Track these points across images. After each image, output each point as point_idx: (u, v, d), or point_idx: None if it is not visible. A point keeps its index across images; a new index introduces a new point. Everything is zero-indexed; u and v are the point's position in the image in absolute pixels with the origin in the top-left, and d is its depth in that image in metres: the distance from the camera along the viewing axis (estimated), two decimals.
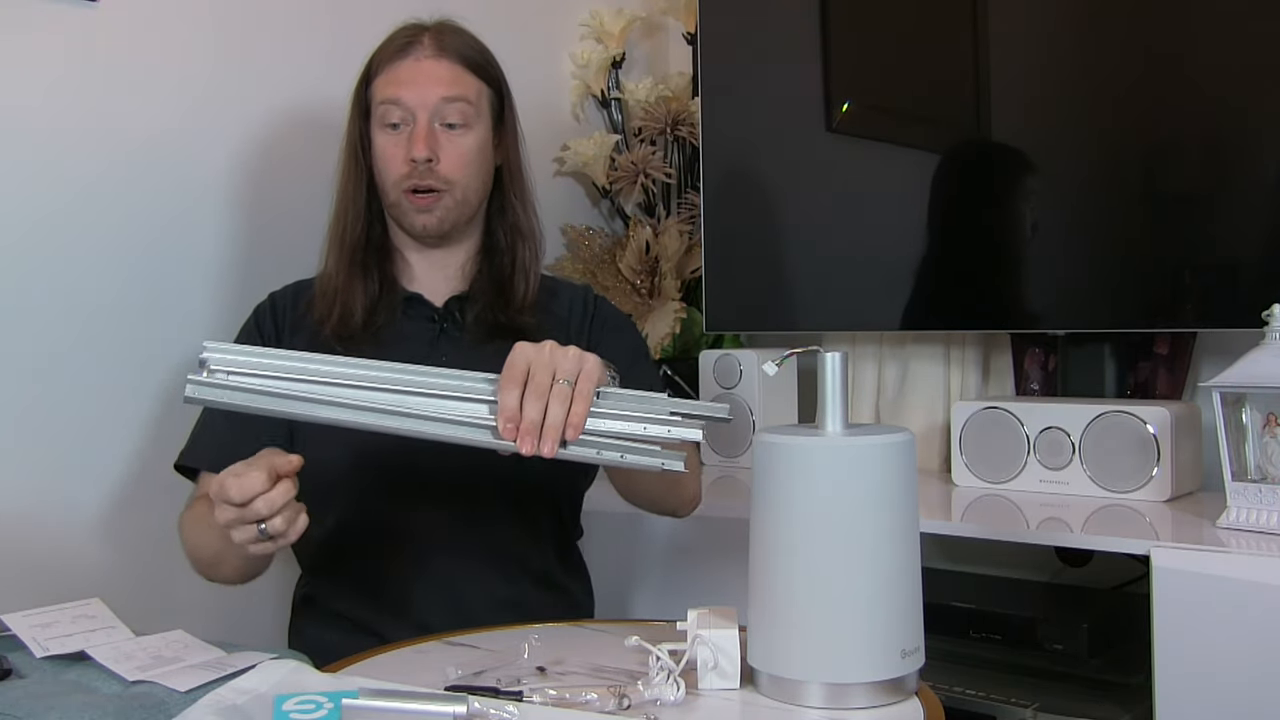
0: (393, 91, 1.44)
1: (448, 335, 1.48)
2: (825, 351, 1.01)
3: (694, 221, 2.20)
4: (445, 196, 1.45)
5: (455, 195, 1.46)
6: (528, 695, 0.98)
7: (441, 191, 1.44)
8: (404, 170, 1.44)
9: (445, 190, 1.45)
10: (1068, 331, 1.80)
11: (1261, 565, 1.29)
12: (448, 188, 1.45)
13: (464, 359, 1.43)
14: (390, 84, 1.44)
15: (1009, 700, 1.51)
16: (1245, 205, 1.64)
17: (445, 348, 1.46)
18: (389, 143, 1.45)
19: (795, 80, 2.02)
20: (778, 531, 0.99)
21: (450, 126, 1.44)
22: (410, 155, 1.42)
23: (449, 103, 1.44)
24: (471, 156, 1.46)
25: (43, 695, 1.01)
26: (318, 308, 1.46)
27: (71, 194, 1.58)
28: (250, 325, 1.50)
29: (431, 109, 1.43)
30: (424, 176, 1.43)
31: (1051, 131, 1.79)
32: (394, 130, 1.45)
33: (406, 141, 1.43)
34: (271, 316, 1.50)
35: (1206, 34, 1.64)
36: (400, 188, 1.45)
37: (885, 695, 0.97)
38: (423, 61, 1.44)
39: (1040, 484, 1.70)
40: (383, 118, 1.45)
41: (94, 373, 1.60)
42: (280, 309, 1.50)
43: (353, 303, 1.44)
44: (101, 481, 1.61)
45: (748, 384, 2.00)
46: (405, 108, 1.43)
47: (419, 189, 1.44)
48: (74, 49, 1.58)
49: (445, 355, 1.44)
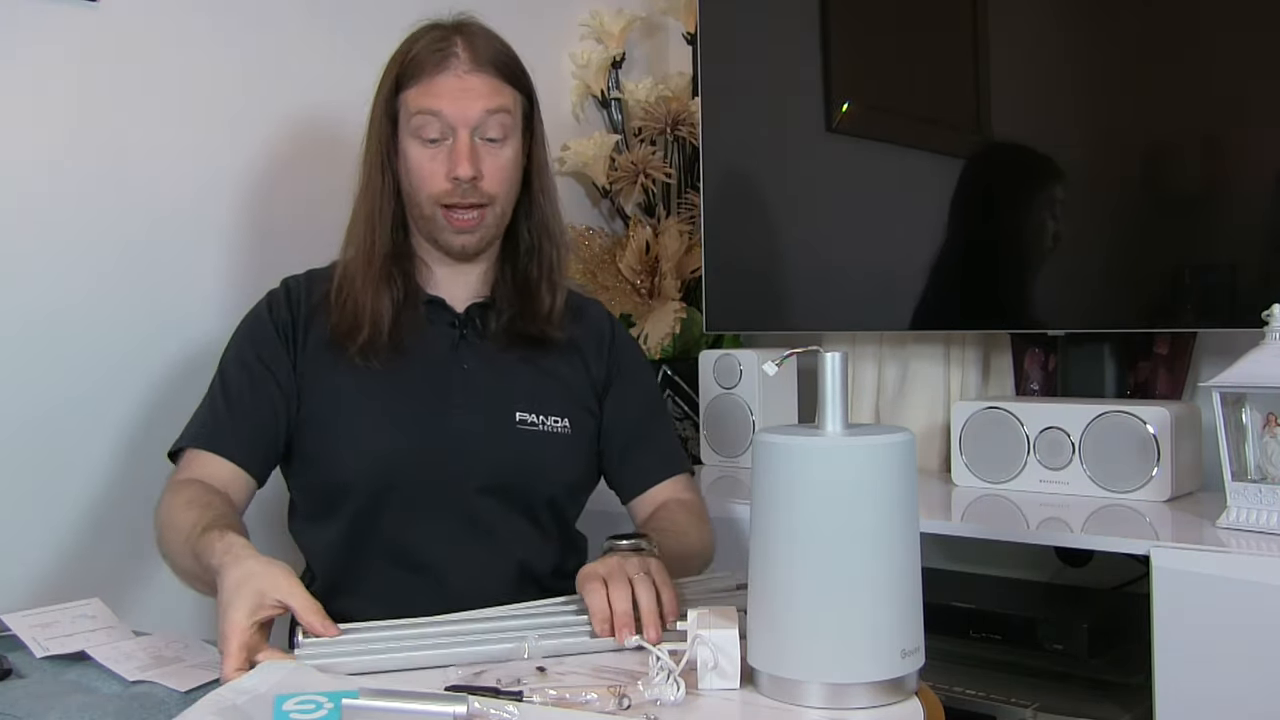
0: (431, 103, 1.39)
1: (468, 342, 1.45)
2: (825, 351, 1.01)
3: (694, 221, 2.20)
4: (487, 213, 1.42)
5: (496, 210, 1.43)
6: (528, 695, 0.98)
7: (484, 208, 1.41)
8: (445, 187, 1.40)
9: (487, 205, 1.41)
10: (1068, 331, 1.79)
11: (1261, 565, 1.29)
12: (490, 202, 1.41)
13: (485, 367, 1.44)
14: (428, 96, 1.39)
15: (1009, 700, 1.51)
16: (1245, 205, 1.64)
17: (466, 354, 1.44)
18: (426, 157, 1.40)
19: (795, 80, 2.01)
20: (778, 531, 0.99)
21: (491, 140, 1.40)
22: (454, 173, 1.38)
23: (490, 115, 1.39)
24: (512, 168, 1.43)
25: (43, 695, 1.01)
26: (336, 317, 1.41)
27: (71, 194, 1.58)
28: (262, 311, 1.45)
29: (473, 124, 1.39)
30: (467, 194, 1.40)
31: (1052, 131, 1.79)
32: (431, 144, 1.40)
33: (447, 157, 1.39)
34: (287, 305, 1.44)
35: (1207, 34, 1.64)
36: (438, 203, 1.41)
37: (885, 695, 0.97)
38: (463, 76, 1.39)
39: (1040, 484, 1.70)
40: (418, 130, 1.40)
41: (93, 372, 1.60)
42: (295, 300, 1.45)
43: (381, 320, 1.40)
44: (101, 481, 1.61)
45: (748, 384, 2.00)
46: (445, 122, 1.39)
47: (461, 205, 1.40)
48: (74, 49, 1.58)
49: (466, 363, 1.43)
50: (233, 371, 1.41)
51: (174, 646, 1.15)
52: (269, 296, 1.47)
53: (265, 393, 1.39)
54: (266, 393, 1.39)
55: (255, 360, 1.40)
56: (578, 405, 1.47)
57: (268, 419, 1.39)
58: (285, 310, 1.44)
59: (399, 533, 1.39)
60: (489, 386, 1.43)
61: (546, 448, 1.43)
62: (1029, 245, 1.82)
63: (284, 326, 1.43)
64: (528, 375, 1.45)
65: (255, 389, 1.39)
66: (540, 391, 1.45)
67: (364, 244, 1.43)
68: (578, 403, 1.47)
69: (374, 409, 1.39)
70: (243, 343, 1.43)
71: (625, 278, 2.21)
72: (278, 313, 1.44)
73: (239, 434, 1.37)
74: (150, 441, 1.64)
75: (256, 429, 1.38)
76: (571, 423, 1.45)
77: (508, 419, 1.42)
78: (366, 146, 1.45)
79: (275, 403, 1.39)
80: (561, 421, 1.44)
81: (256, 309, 1.46)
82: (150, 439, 1.64)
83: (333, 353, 1.41)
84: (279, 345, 1.41)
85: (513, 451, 1.41)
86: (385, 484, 1.38)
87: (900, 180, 1.93)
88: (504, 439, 1.41)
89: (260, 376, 1.39)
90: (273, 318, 1.43)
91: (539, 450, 1.42)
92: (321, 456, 1.40)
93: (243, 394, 1.39)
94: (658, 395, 1.62)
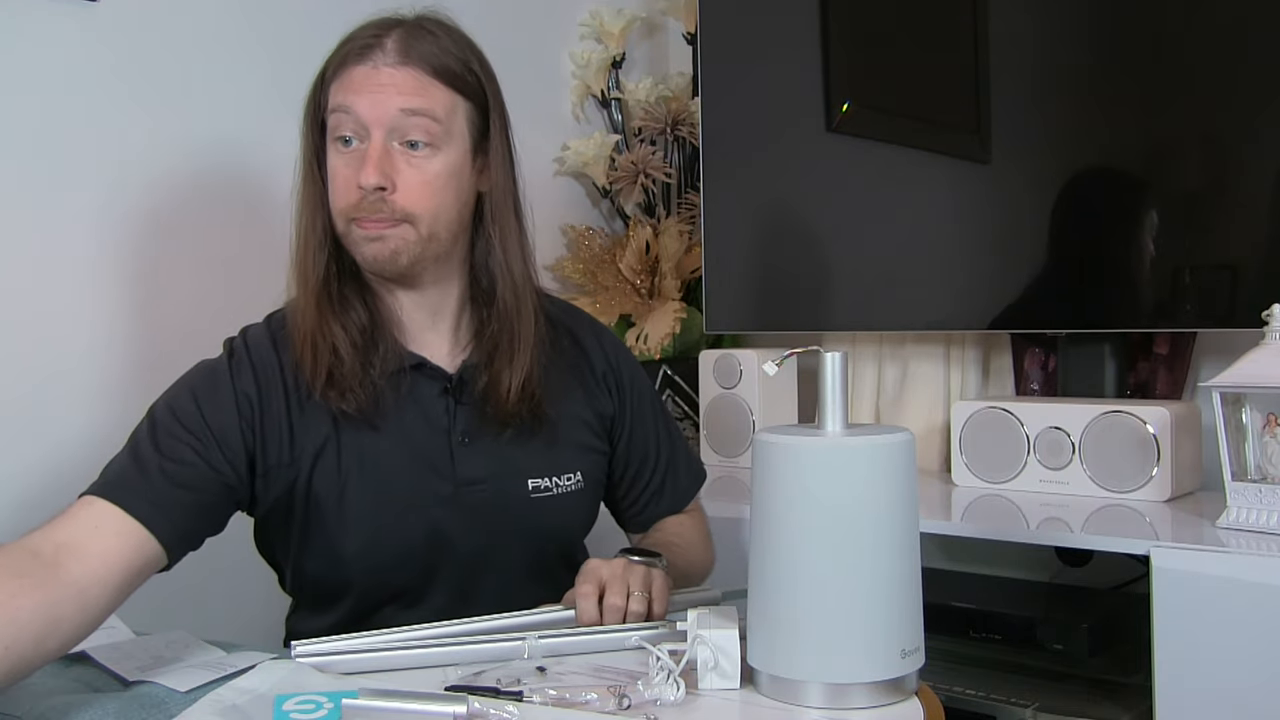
0: (343, 99, 1.20)
1: (465, 408, 1.27)
2: (825, 351, 1.01)
3: (694, 221, 2.21)
4: (405, 230, 1.20)
5: (420, 230, 1.20)
6: (528, 695, 0.98)
7: (400, 223, 1.20)
8: (352, 198, 1.19)
9: (403, 223, 1.20)
10: (1068, 331, 1.79)
11: (1261, 565, 1.29)
12: (406, 220, 1.20)
13: (486, 437, 1.27)
14: (341, 90, 1.20)
15: (1009, 700, 1.51)
16: (1245, 205, 1.64)
17: (463, 423, 1.26)
18: (339, 162, 1.21)
19: (795, 80, 2.02)
20: (778, 531, 0.99)
21: (411, 146, 1.19)
22: (358, 180, 1.18)
23: (409, 116, 1.18)
24: (439, 184, 1.21)
25: (43, 695, 1.01)
26: (294, 352, 1.22)
27: (70, 193, 1.58)
28: (223, 378, 1.21)
29: (388, 124, 1.18)
30: (374, 208, 1.18)
31: (1051, 131, 1.79)
32: (345, 146, 1.20)
33: (358, 162, 1.19)
34: (252, 373, 1.22)
35: (1207, 33, 1.64)
36: (347, 217, 1.20)
37: (885, 695, 0.97)
38: (381, 69, 1.19)
39: (1040, 484, 1.70)
40: (334, 129, 1.21)
41: (93, 372, 1.60)
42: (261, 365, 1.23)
43: (337, 347, 1.20)
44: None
45: (748, 384, 2.00)
46: (357, 119, 1.19)
47: (368, 220, 1.19)
48: (74, 49, 1.58)
49: (466, 435, 1.27)
50: (169, 425, 1.17)
51: (174, 646, 1.15)
52: (231, 362, 1.23)
53: (202, 463, 1.16)
54: (202, 464, 1.16)
55: (200, 424, 1.17)
56: (587, 451, 1.35)
57: (197, 491, 1.15)
58: (251, 379, 1.21)
59: (402, 613, 1.27)
60: (494, 458, 1.27)
61: (563, 510, 1.32)
62: (1029, 245, 1.82)
63: (248, 400, 1.20)
64: (533, 436, 1.29)
65: (194, 453, 1.16)
66: (550, 451, 1.30)
67: (301, 267, 1.24)
68: (587, 448, 1.35)
69: (369, 498, 1.22)
70: (187, 398, 1.19)
71: (625, 278, 2.21)
72: (242, 380, 1.21)
73: (158, 497, 1.11)
74: None
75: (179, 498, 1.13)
76: (584, 474, 1.33)
77: (520, 490, 1.28)
78: (299, 158, 1.27)
79: (208, 481, 1.16)
80: (574, 477, 1.32)
81: (213, 368, 1.23)
82: None
83: (316, 425, 1.22)
84: (233, 421, 1.19)
85: (529, 522, 1.29)
86: (390, 578, 1.25)
87: (900, 180, 1.93)
88: (519, 511, 1.28)
89: (203, 443, 1.16)
90: (235, 385, 1.21)
91: (555, 515, 1.31)
92: (314, 551, 1.24)
93: (176, 454, 1.15)
94: (664, 415, 1.47)
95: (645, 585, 1.17)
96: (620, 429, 1.40)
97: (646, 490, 1.43)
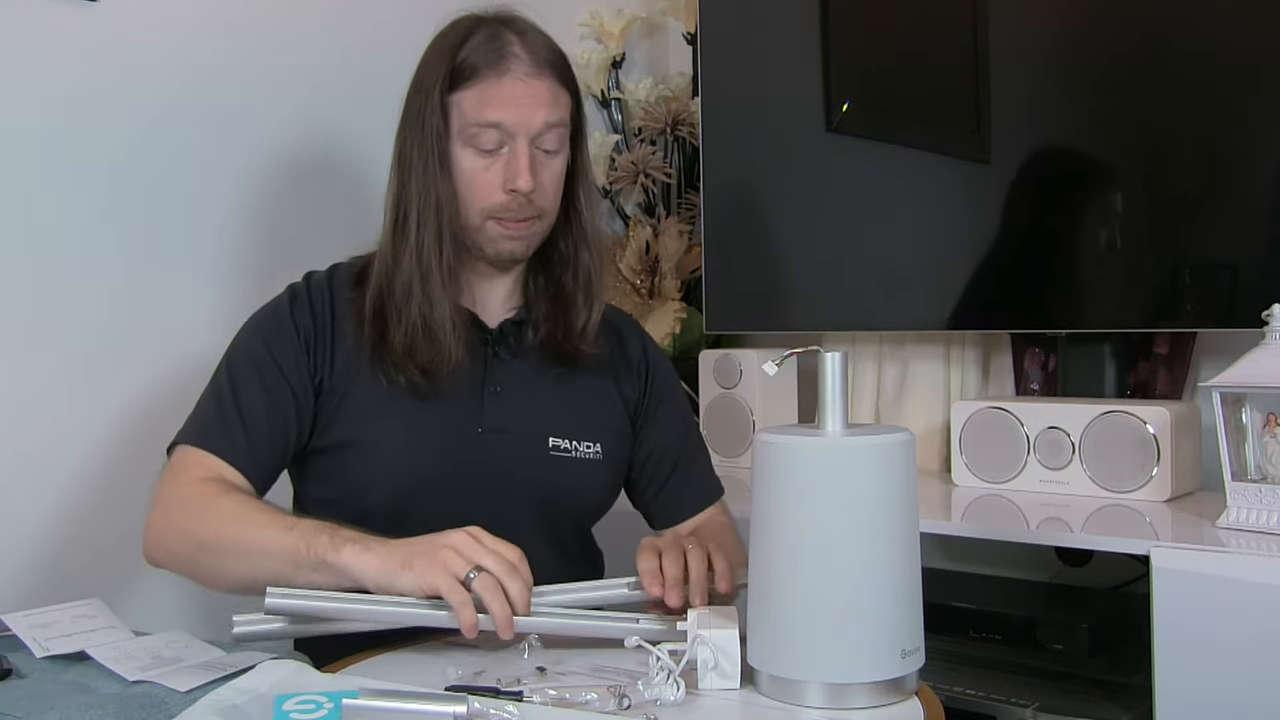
0: (493, 114, 1.30)
1: (501, 360, 1.38)
2: (825, 351, 1.01)
3: (694, 221, 2.20)
4: (535, 224, 1.34)
5: (545, 222, 1.36)
6: (528, 695, 0.98)
7: (534, 220, 1.34)
8: (500, 199, 1.31)
9: (537, 219, 1.34)
10: (1068, 331, 1.79)
11: (1261, 565, 1.29)
12: (540, 215, 1.34)
13: (517, 389, 1.37)
14: (489, 104, 1.30)
15: (1009, 700, 1.51)
16: (1245, 205, 1.64)
17: (498, 374, 1.37)
18: (480, 166, 1.31)
19: (795, 80, 2.01)
20: (778, 531, 0.99)
21: (547, 152, 1.33)
22: (512, 185, 1.30)
23: (551, 128, 1.32)
24: (561, 180, 1.36)
25: (43, 695, 1.01)
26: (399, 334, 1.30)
27: (70, 193, 1.58)
28: (283, 310, 1.34)
29: (533, 134, 1.31)
30: (521, 209, 1.32)
31: (1052, 132, 1.79)
32: (486, 155, 1.31)
33: (503, 167, 1.31)
34: (309, 308, 1.34)
35: (1207, 33, 1.64)
36: (489, 215, 1.32)
37: (885, 695, 0.97)
38: (526, 80, 1.30)
39: (1040, 484, 1.70)
40: (474, 139, 1.31)
41: (93, 372, 1.60)
42: (319, 301, 1.35)
43: (450, 339, 1.31)
44: (102, 481, 1.61)
45: (748, 384, 2.00)
46: (506, 132, 1.30)
47: (513, 219, 1.33)
48: (74, 49, 1.58)
49: (499, 384, 1.36)
50: (245, 371, 1.31)
51: (174, 646, 1.15)
52: (290, 293, 1.36)
53: (278, 402, 1.30)
54: (279, 403, 1.30)
55: (271, 364, 1.31)
56: (610, 429, 1.42)
57: (278, 432, 1.30)
58: (308, 313, 1.34)
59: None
60: (521, 410, 1.36)
61: (579, 475, 1.38)
62: (1029, 245, 1.82)
63: (306, 333, 1.33)
64: (561, 398, 1.39)
65: (269, 396, 1.30)
66: (574, 416, 1.39)
67: (427, 252, 1.31)
68: (610, 426, 1.42)
69: (401, 431, 1.32)
70: (256, 340, 1.33)
71: (625, 278, 2.21)
72: (300, 315, 1.34)
73: (251, 443, 1.28)
74: (152, 440, 1.63)
75: (266, 441, 1.29)
76: (603, 448, 1.40)
77: (541, 445, 1.36)
78: (409, 144, 1.33)
79: (288, 415, 1.30)
80: (594, 447, 1.39)
81: (276, 306, 1.36)
82: (152, 438, 1.63)
83: (359, 364, 1.32)
84: (299, 352, 1.32)
85: (545, 479, 1.36)
86: (409, 509, 1.30)
87: (900, 180, 1.93)
88: (536, 466, 1.35)
89: (274, 384, 1.30)
90: (295, 320, 1.33)
91: (571, 477, 1.38)
92: (342, 477, 1.33)
93: (254, 399, 1.29)
94: (692, 417, 1.56)
95: (701, 545, 1.20)
96: (644, 416, 1.46)
97: (670, 480, 1.46)
